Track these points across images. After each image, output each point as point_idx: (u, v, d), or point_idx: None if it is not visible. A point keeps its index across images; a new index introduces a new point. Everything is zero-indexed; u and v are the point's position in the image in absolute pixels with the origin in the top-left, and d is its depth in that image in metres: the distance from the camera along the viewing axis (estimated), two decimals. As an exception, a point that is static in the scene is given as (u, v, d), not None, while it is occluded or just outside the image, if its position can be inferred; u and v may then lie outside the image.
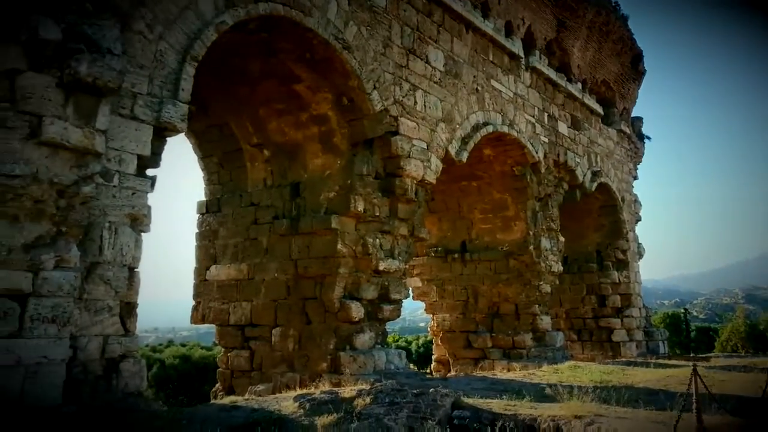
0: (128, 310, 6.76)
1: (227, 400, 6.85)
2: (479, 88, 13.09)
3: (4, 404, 5.22)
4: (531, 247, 14.55)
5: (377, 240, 10.43)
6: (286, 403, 5.96)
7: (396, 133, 10.56)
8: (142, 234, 7.05)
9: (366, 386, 6.36)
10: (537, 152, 14.70)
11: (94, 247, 6.47)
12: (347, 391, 6.10)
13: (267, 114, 11.14)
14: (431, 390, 6.03)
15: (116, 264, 6.65)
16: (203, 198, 12.49)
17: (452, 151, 11.98)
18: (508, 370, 11.67)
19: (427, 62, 11.59)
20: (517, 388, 7.64)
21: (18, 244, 5.68)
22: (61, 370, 5.73)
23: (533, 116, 15.03)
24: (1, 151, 5.54)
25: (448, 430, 4.96)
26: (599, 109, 18.64)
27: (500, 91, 13.86)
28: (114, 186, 6.73)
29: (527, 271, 14.58)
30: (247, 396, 7.31)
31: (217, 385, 11.44)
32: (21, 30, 5.78)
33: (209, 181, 12.49)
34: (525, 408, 6.02)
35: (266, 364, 10.58)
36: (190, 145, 12.63)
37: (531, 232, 14.64)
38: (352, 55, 9.80)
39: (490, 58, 13.66)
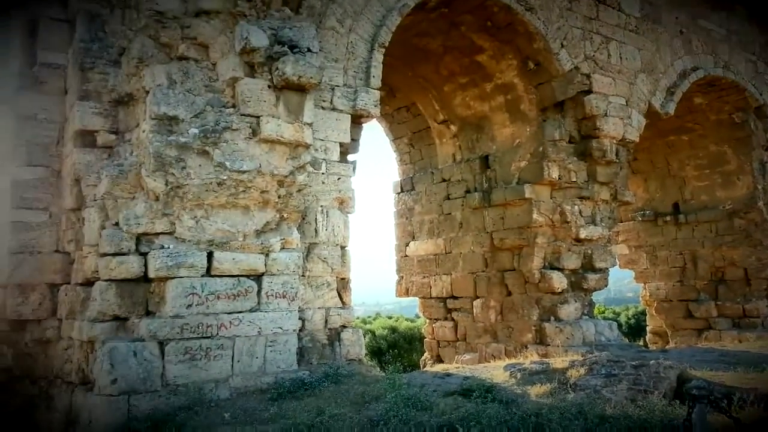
0: (343, 284, 7.40)
1: (439, 368, 7.14)
2: (683, 30, 11.65)
3: (254, 368, 6.09)
4: (760, 204, 12.65)
5: (576, 207, 9.95)
6: (496, 372, 6.03)
7: (589, 91, 9.89)
8: (349, 215, 7.63)
9: (578, 357, 6.15)
10: (761, 94, 12.68)
11: (310, 229, 7.18)
12: (558, 362, 5.96)
13: (451, 89, 11.21)
14: (652, 362, 5.61)
15: (330, 244, 7.30)
16: (397, 178, 13.06)
17: (656, 104, 10.88)
18: (740, 341, 10.38)
19: (620, 10, 10.62)
20: (753, 361, 6.77)
21: (251, 230, 6.50)
22: (293, 339, 6.49)
23: (753, 53, 12.97)
24: (231, 150, 6.35)
25: (677, 402, 4.59)
26: (843, 33, 15.40)
27: (710, 30, 12.17)
28: (322, 173, 7.37)
29: (757, 231, 12.73)
30: (456, 365, 7.55)
31: (426, 354, 11.97)
32: (236, 41, 6.54)
33: (401, 161, 13.01)
34: (766, 382, 5.31)
35: (470, 334, 10.80)
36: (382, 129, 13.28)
37: (759, 187, 12.72)
38: (535, 16, 9.37)
39: (695, -7, 12.05)
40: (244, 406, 5.27)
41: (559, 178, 9.78)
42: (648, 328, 15.34)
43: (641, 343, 15.96)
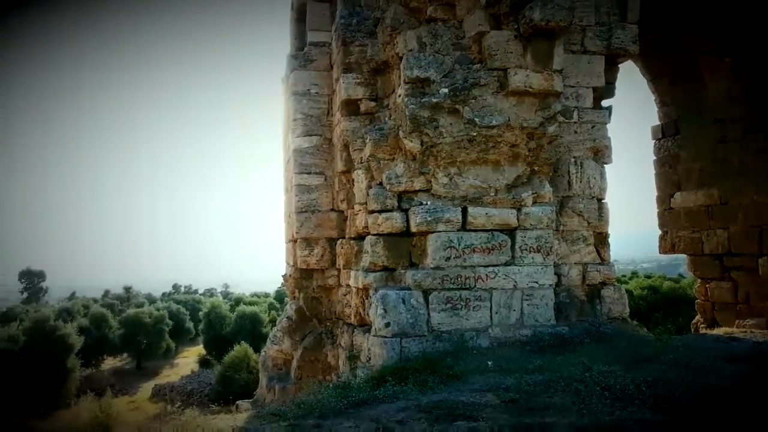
0: (600, 239, 7.00)
1: (720, 331, 6.38)
2: None
3: (511, 320, 6.18)
4: None
5: None
6: (798, 338, 5.15)
7: None
8: (605, 165, 7.15)
9: None
10: None
11: (563, 182, 6.91)
12: None
13: (724, 12, 9.56)
14: None
15: (585, 196, 6.94)
16: (656, 122, 11.75)
17: None
18: None
19: None
20: None
21: (502, 185, 6.51)
22: (550, 294, 6.39)
23: None
24: (480, 106, 6.38)
25: None
26: None
27: None
28: (574, 122, 6.99)
29: None
30: (740, 329, 6.63)
31: (697, 317, 10.76)
32: (479, -5, 6.46)
33: (662, 103, 11.63)
34: None
35: (754, 296, 9.37)
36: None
37: None
38: None
39: None
40: (505, 355, 5.38)
41: None
42: None
43: None
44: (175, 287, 62.99)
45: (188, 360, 30.05)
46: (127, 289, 52.03)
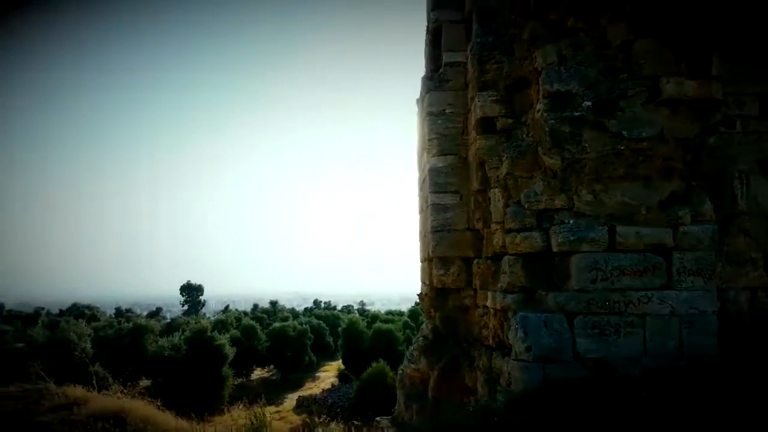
0: (773, 262, 6.23)
1: None
2: None
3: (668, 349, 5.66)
4: None
5: None
6: None
7: None
8: (777, 179, 6.38)
9: None
10: None
11: (726, 198, 6.28)
12: None
13: None
14: None
15: (752, 214, 6.28)
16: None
17: None
18: None
19: None
20: None
21: (654, 202, 6.04)
22: (713, 321, 5.78)
23: None
24: (627, 118, 6.00)
25: None
26: None
27: None
28: (737, 132, 6.38)
29: None
30: None
31: None
32: (626, 2, 6.12)
33: None
34: None
35: None
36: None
37: None
38: None
39: None
40: (661, 387, 4.93)
41: None
42: None
43: None
44: (316, 303, 66.08)
45: (328, 374, 31.29)
46: (273, 304, 55.58)
